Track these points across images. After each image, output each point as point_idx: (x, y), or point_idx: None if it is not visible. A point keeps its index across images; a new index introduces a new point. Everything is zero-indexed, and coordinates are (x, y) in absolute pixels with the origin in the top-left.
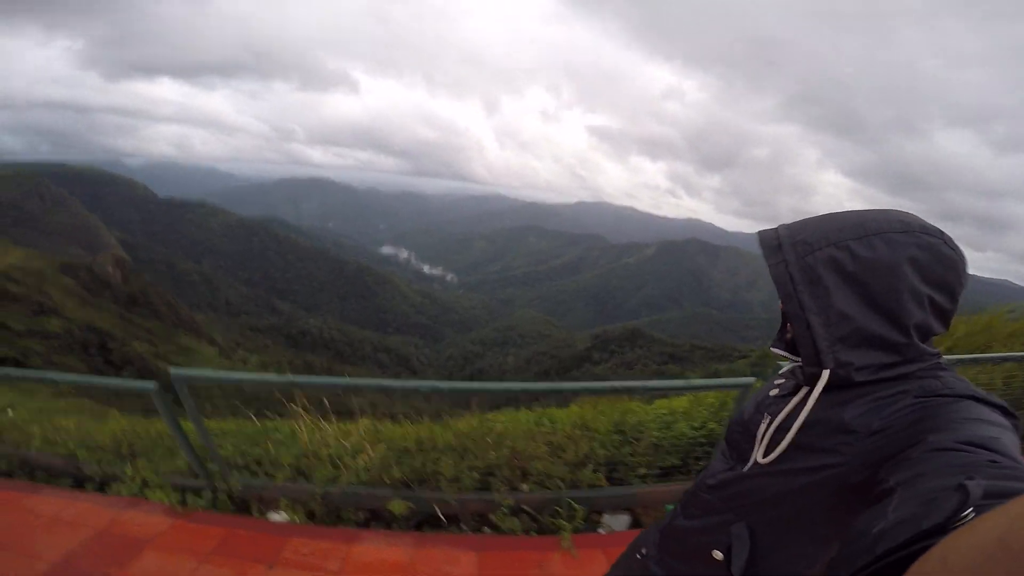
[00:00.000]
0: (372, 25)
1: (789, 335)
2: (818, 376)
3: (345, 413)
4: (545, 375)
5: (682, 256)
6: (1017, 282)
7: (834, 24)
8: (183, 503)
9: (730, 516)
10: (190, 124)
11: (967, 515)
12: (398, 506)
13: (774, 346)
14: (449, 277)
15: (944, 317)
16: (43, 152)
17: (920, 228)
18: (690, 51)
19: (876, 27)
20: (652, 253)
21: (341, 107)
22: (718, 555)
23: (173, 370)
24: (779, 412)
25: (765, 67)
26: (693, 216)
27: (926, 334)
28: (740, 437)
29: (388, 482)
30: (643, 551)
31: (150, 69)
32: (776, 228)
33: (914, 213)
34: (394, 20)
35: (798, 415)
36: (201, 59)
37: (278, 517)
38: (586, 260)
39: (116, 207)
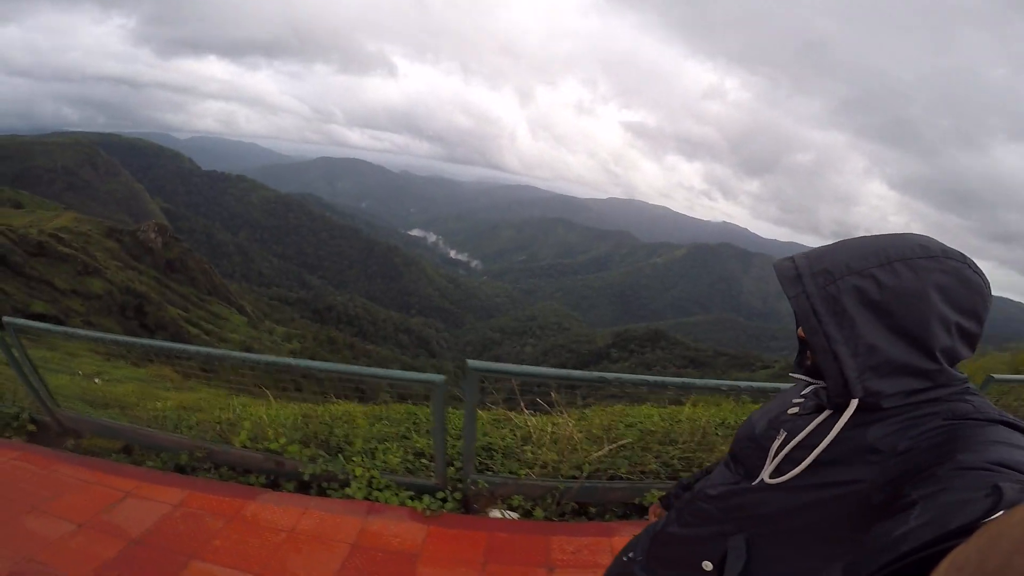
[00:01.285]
0: (410, 10)
1: (809, 361)
2: (846, 404)
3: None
4: (561, 367)
5: (714, 260)
6: None
7: (891, 27)
8: (426, 507)
9: (728, 527)
10: (236, 102)
11: (1000, 516)
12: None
13: (793, 372)
14: (475, 264)
15: (971, 342)
16: (99, 124)
17: (942, 252)
18: (734, 49)
19: (937, 31)
20: (683, 255)
21: (379, 91)
22: (708, 566)
23: (472, 362)
24: (799, 430)
25: (814, 70)
26: (728, 220)
27: (953, 359)
28: (750, 452)
29: (632, 475)
30: (631, 554)
31: (198, 47)
32: (792, 258)
33: (965, 230)
34: (432, 6)
35: (822, 435)
36: (246, 38)
37: (498, 514)
38: (614, 257)
39: (162, 178)
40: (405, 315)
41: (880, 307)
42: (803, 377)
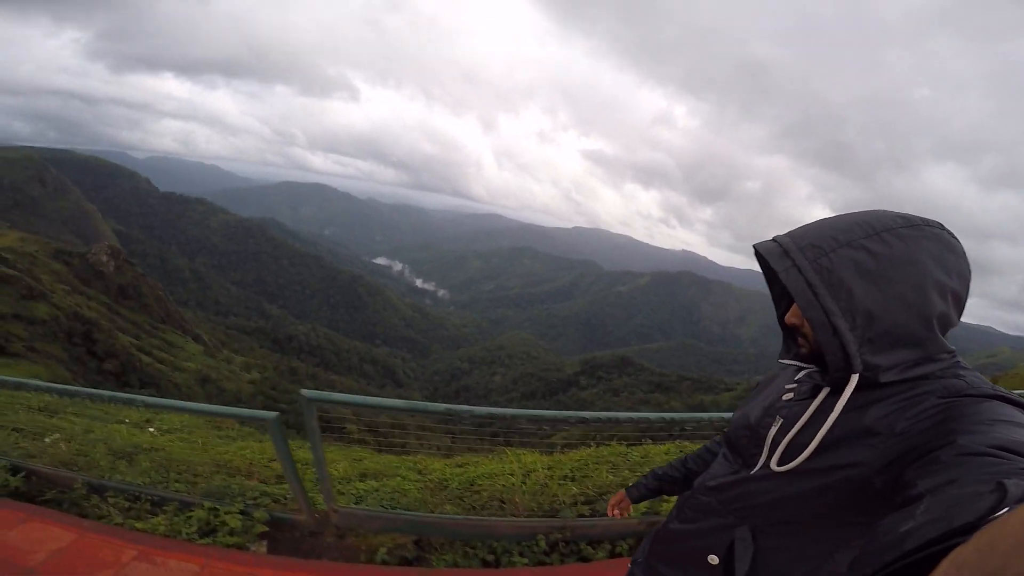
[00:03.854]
0: (368, 34)
1: (803, 348)
2: (846, 380)
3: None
4: (531, 397)
5: (675, 287)
6: (1000, 328)
7: (824, 49)
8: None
9: (731, 519)
10: (194, 121)
11: (1002, 515)
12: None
13: (781, 358)
14: (441, 293)
15: (960, 307)
16: (50, 139)
17: (922, 222)
18: (681, 75)
19: (864, 51)
20: (645, 283)
21: (342, 115)
22: (714, 560)
23: (305, 392)
24: (797, 416)
25: (756, 94)
26: (687, 248)
27: (945, 326)
28: (746, 440)
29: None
30: (635, 558)
31: (154, 64)
32: (774, 238)
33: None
34: (390, 30)
35: (821, 419)
36: (202, 56)
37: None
38: (579, 285)
39: (117, 198)
40: (370, 345)
41: (877, 276)
42: (794, 362)
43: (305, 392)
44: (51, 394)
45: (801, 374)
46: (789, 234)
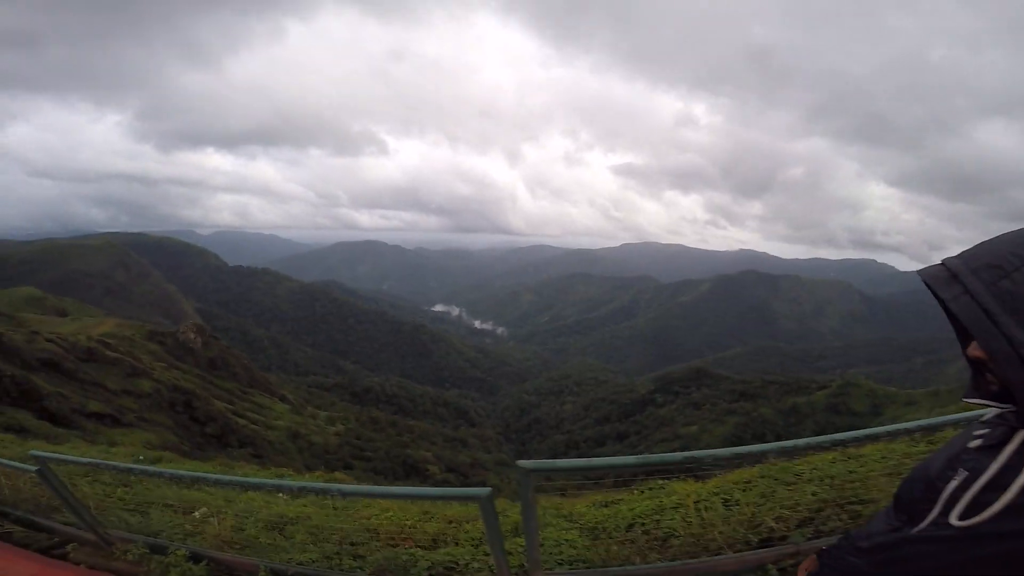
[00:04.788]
0: (380, 86)
1: (994, 385)
2: None
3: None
4: (605, 421)
5: (739, 289)
6: None
7: (831, 25)
8: None
9: None
10: (246, 193)
11: None
12: None
13: (967, 396)
14: (500, 331)
15: None
16: (123, 223)
17: None
18: (690, 73)
19: (871, 22)
20: (707, 289)
21: (376, 170)
22: None
23: (524, 463)
24: (984, 467)
25: (772, 80)
26: (744, 246)
27: None
28: (919, 495)
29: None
30: None
31: (195, 140)
32: (941, 261)
33: (981, 216)
34: (399, 79)
35: (1015, 471)
36: (236, 128)
37: None
38: (638, 303)
39: (192, 276)
40: (440, 389)
41: None
42: (983, 402)
43: (523, 463)
44: (235, 488)
45: (990, 414)
46: (960, 255)
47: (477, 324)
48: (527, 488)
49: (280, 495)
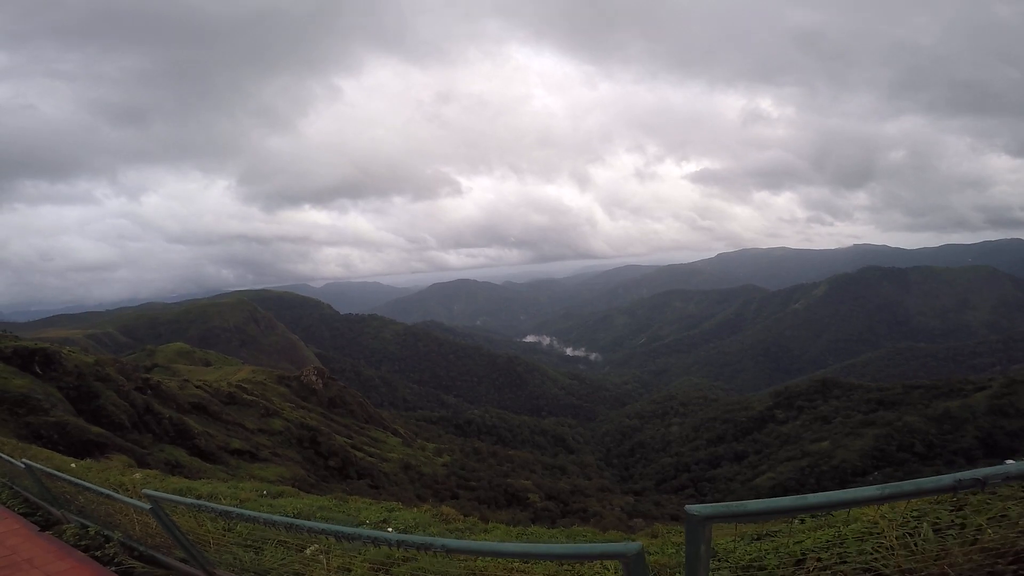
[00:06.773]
0: (438, 129)
1: None
2: None
3: None
4: (719, 441)
5: (861, 289)
6: None
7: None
8: None
9: None
10: (345, 245)
11: None
12: None
13: None
14: (593, 356)
15: None
16: (249, 281)
17: None
18: (744, 67)
19: None
20: (823, 292)
21: (455, 210)
22: None
23: (694, 508)
24: None
25: (832, 62)
26: (860, 241)
27: None
28: None
29: None
30: None
31: (293, 198)
32: None
33: None
34: (453, 120)
35: None
36: (324, 184)
37: None
38: (744, 315)
39: (312, 326)
40: (537, 418)
41: None
42: None
43: (695, 509)
44: (330, 537)
45: None
46: None
47: (569, 351)
48: (698, 539)
49: (389, 529)
